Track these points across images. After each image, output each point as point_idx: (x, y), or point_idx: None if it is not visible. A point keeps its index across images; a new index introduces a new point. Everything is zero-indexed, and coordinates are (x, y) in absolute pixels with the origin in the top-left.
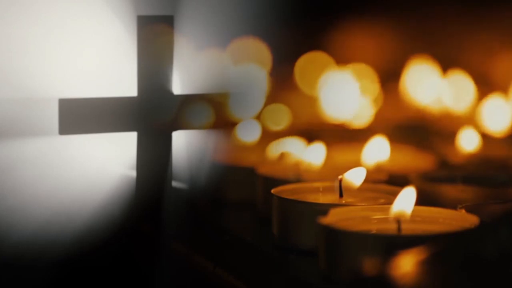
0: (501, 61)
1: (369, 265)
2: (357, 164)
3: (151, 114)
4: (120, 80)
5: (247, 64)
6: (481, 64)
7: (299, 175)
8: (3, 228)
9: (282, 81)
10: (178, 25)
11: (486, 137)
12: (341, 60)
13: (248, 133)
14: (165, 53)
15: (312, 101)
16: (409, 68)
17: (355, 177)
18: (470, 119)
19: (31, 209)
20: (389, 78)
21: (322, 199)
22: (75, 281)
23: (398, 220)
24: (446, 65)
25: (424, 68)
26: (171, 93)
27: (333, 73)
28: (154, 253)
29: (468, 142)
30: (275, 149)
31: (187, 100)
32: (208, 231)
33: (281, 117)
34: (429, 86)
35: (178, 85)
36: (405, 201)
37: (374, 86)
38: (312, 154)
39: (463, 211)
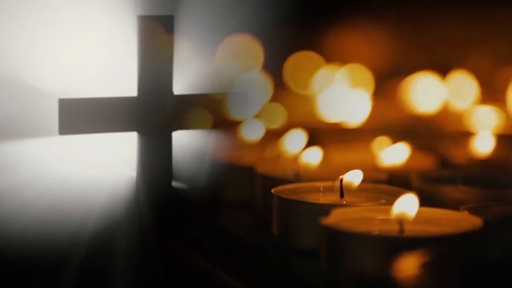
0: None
1: (371, 267)
2: (355, 162)
3: (151, 114)
4: (120, 80)
5: (246, 64)
6: (481, 64)
7: (298, 174)
8: (4, 228)
9: (278, 80)
10: (178, 25)
11: (488, 137)
12: (336, 60)
13: (252, 132)
14: (165, 53)
15: (307, 100)
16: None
17: (353, 178)
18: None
19: (31, 209)
20: (385, 78)
21: (323, 199)
22: (75, 281)
23: (401, 222)
24: (444, 64)
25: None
26: (171, 93)
27: (327, 72)
28: (153, 253)
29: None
30: (273, 147)
31: (187, 100)
32: (208, 231)
33: (277, 115)
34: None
35: (178, 85)
36: (406, 204)
37: (369, 86)
38: (309, 153)
39: (466, 212)
